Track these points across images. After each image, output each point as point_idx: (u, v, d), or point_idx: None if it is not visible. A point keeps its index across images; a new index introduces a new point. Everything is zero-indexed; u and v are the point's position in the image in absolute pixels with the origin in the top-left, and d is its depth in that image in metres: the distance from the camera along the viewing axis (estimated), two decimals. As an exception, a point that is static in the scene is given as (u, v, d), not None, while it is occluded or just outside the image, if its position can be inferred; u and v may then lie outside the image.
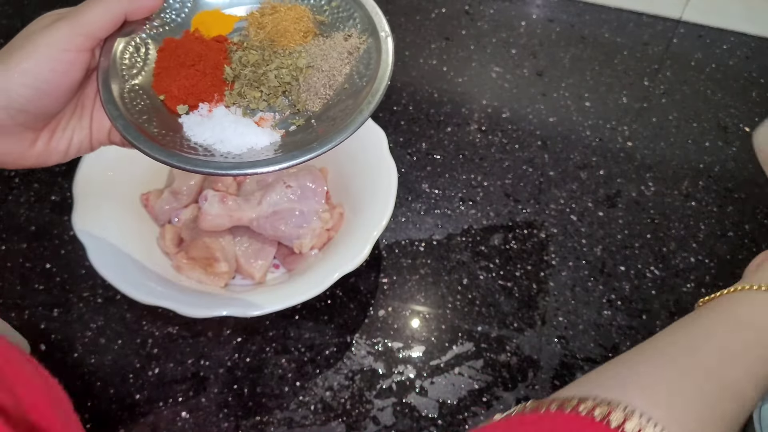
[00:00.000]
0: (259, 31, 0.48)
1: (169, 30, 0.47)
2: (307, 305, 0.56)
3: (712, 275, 0.60)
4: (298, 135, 0.43)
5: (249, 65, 0.46)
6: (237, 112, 0.44)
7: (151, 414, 0.51)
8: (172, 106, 0.44)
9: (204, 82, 0.44)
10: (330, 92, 0.45)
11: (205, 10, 0.49)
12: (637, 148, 0.70)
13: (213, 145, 0.42)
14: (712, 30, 0.82)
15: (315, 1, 0.50)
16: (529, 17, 0.83)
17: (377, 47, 0.46)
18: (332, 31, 0.48)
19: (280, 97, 0.45)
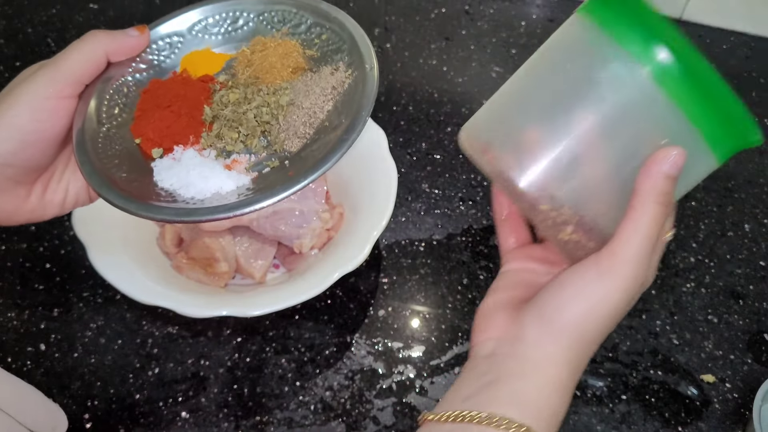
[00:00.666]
0: (246, 68, 0.46)
1: (156, 72, 0.46)
2: (307, 305, 0.56)
3: (712, 275, 0.60)
4: (269, 177, 0.41)
5: (229, 104, 0.44)
6: (210, 155, 0.42)
7: (151, 414, 0.51)
8: (147, 150, 0.42)
9: (179, 123, 0.43)
10: (310, 131, 0.43)
11: (195, 50, 0.48)
12: (637, 148, 0.70)
13: (177, 190, 0.40)
14: (712, 30, 0.82)
15: (306, 36, 0.48)
16: (529, 17, 0.83)
17: (362, 81, 0.44)
18: (321, 65, 0.46)
19: (258, 138, 0.43)
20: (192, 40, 0.48)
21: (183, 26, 0.48)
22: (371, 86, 0.43)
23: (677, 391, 0.53)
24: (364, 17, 0.82)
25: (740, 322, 0.57)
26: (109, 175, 0.40)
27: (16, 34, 0.78)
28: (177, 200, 0.40)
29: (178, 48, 0.47)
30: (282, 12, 0.49)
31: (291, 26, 0.48)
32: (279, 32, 0.48)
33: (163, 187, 0.41)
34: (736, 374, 0.54)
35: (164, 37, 0.47)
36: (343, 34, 0.47)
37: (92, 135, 0.41)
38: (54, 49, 0.76)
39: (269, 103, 0.44)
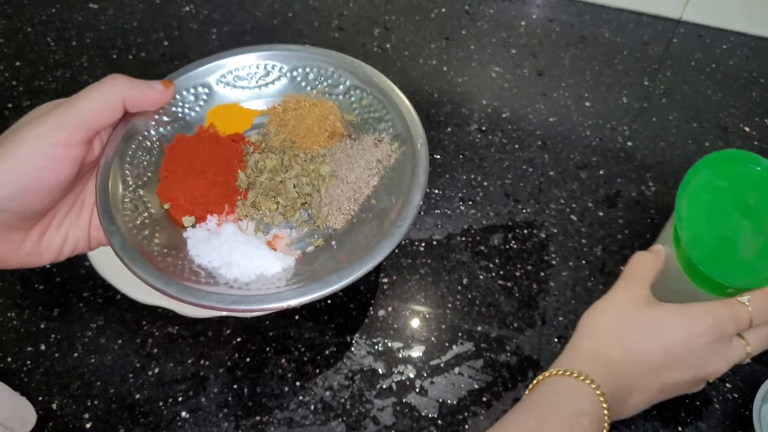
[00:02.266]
0: (280, 129, 0.42)
1: (181, 125, 0.42)
2: (307, 305, 0.56)
3: (712, 275, 0.60)
4: (316, 259, 0.38)
5: (266, 171, 0.40)
6: (248, 228, 0.39)
7: (151, 414, 0.51)
8: (177, 217, 0.39)
9: (214, 192, 0.39)
10: (355, 207, 0.40)
11: (223, 104, 0.44)
12: (637, 148, 0.70)
13: (218, 269, 0.37)
14: (712, 30, 0.82)
15: (344, 98, 0.44)
16: (529, 17, 0.83)
17: (411, 158, 0.40)
18: (362, 133, 0.43)
19: (299, 211, 0.40)
20: (219, 92, 0.44)
21: (210, 77, 0.44)
22: (423, 165, 0.39)
23: (677, 391, 0.53)
24: (364, 17, 0.82)
25: (740, 322, 0.57)
26: (142, 247, 0.36)
27: (16, 34, 0.78)
28: (218, 281, 0.36)
29: (204, 100, 0.44)
30: (318, 69, 0.45)
31: (327, 86, 0.44)
32: (314, 91, 0.44)
33: (200, 264, 0.37)
34: (736, 374, 0.54)
35: (189, 88, 0.43)
36: (387, 101, 0.43)
37: (118, 199, 0.38)
38: (54, 49, 0.76)
39: (308, 171, 0.40)
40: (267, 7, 0.83)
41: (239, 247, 0.37)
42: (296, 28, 0.80)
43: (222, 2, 0.83)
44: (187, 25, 0.79)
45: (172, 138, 0.42)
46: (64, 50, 0.76)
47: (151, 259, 0.36)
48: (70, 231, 0.39)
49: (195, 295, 0.34)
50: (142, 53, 0.76)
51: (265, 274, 0.37)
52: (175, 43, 0.77)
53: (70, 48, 0.77)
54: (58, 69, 0.74)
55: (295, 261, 0.38)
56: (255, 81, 0.45)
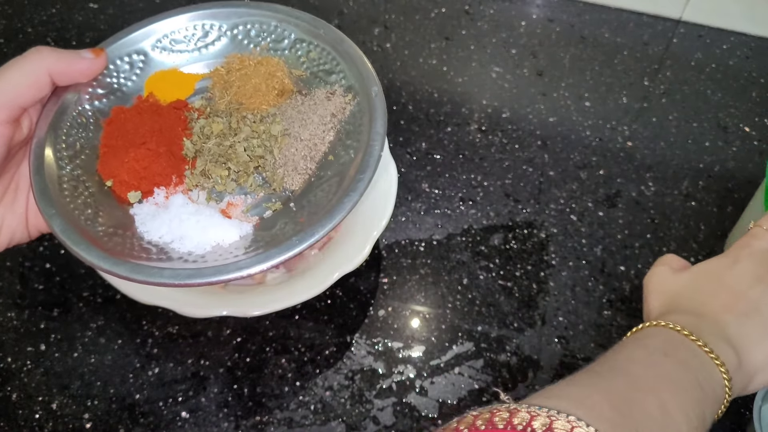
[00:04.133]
0: (225, 91, 0.40)
1: (117, 97, 0.40)
2: (307, 305, 0.56)
3: (712, 275, 0.60)
4: (275, 223, 0.36)
5: (213, 137, 0.38)
6: (200, 198, 0.37)
7: (151, 414, 0.51)
8: (121, 194, 0.37)
9: (158, 163, 0.37)
10: (312, 166, 0.38)
11: (161, 70, 0.41)
12: (637, 148, 0.70)
13: (170, 243, 0.35)
14: (712, 30, 0.82)
15: (290, 52, 0.42)
16: (529, 17, 0.83)
17: (367, 109, 0.38)
18: (312, 87, 0.40)
19: (252, 175, 0.38)
20: (156, 58, 0.41)
21: (144, 42, 0.41)
22: (380, 115, 0.37)
23: (677, 391, 0.53)
24: (364, 16, 0.82)
25: (740, 322, 0.57)
26: (84, 229, 0.34)
27: (16, 34, 0.78)
28: (172, 257, 0.34)
29: (141, 68, 0.41)
30: (259, 24, 0.42)
31: (271, 41, 0.42)
32: (258, 48, 0.42)
33: (150, 241, 0.35)
34: (736, 374, 0.54)
35: (123, 56, 0.41)
36: (335, 53, 0.41)
37: (54, 180, 0.35)
38: (54, 49, 0.76)
39: (259, 133, 0.38)
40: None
41: (190, 219, 0.35)
42: (296, 28, 0.80)
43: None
44: (187, 25, 0.79)
45: (109, 111, 0.39)
46: (64, 50, 0.76)
47: (96, 241, 0.34)
48: (6, 220, 0.36)
49: (146, 272, 0.32)
50: (142, 53, 0.76)
51: (221, 244, 0.35)
52: (175, 42, 0.77)
53: (69, 48, 0.77)
54: (58, 69, 0.74)
55: (252, 228, 0.36)
56: (193, 43, 0.42)
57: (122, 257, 0.33)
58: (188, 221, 0.35)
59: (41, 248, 0.59)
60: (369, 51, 0.78)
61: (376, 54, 0.78)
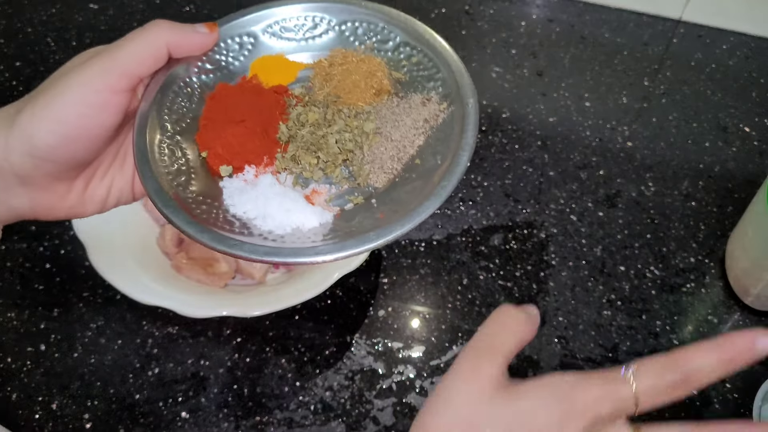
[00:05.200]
0: (325, 83, 0.41)
1: (224, 74, 0.41)
2: (307, 305, 0.56)
3: (712, 275, 0.60)
4: (354, 216, 0.37)
5: (308, 125, 0.39)
6: (287, 181, 0.38)
7: (151, 414, 0.51)
8: (214, 166, 0.38)
9: (253, 142, 0.38)
10: (398, 167, 0.38)
11: (267, 55, 0.43)
12: (637, 148, 0.70)
13: (253, 219, 0.36)
14: (712, 30, 0.82)
15: (393, 54, 0.43)
16: (529, 17, 0.83)
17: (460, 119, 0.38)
18: (410, 91, 0.41)
19: (340, 167, 0.39)
20: (264, 42, 0.43)
21: (256, 26, 0.43)
22: (472, 126, 0.37)
23: (677, 391, 0.53)
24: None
25: (740, 323, 0.57)
26: (176, 193, 0.35)
27: (16, 34, 0.78)
28: (252, 232, 0.35)
29: (249, 50, 0.42)
30: (368, 24, 0.43)
31: (377, 41, 0.43)
32: (362, 46, 0.43)
33: (235, 215, 0.36)
34: (736, 374, 0.54)
35: (234, 36, 0.42)
36: (437, 60, 0.42)
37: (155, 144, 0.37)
38: (54, 49, 0.76)
39: (351, 128, 0.39)
40: (267, 7, 0.83)
41: (276, 199, 0.36)
42: (296, 28, 0.80)
43: (222, 2, 0.83)
44: (187, 25, 0.79)
45: (214, 86, 0.41)
46: (64, 50, 0.76)
47: (185, 206, 0.35)
48: (115, 181, 0.38)
49: (227, 243, 0.33)
50: (142, 53, 0.76)
51: (301, 228, 0.36)
52: (175, 43, 0.77)
53: (70, 48, 0.77)
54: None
55: (333, 217, 0.36)
56: (302, 33, 0.43)
57: (207, 225, 0.34)
58: (273, 201, 0.36)
59: (41, 248, 0.59)
60: (369, 51, 0.78)
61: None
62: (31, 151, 0.33)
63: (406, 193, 0.37)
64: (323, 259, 0.33)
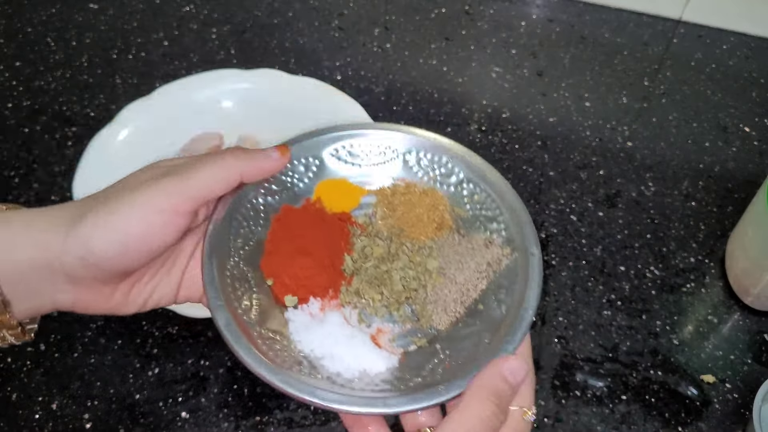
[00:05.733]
0: (389, 213, 0.41)
1: (288, 196, 0.41)
2: (307, 305, 0.56)
3: (712, 275, 0.60)
4: (419, 361, 0.36)
5: (372, 258, 0.39)
6: (352, 317, 0.38)
7: (151, 414, 0.51)
8: (279, 295, 0.38)
9: (321, 275, 0.38)
10: (461, 310, 0.38)
11: (332, 178, 0.43)
12: (637, 148, 0.70)
13: (321, 359, 0.36)
14: (712, 30, 0.82)
15: (455, 190, 0.42)
16: (529, 17, 0.83)
17: (523, 267, 0.38)
18: (471, 230, 0.41)
19: (403, 305, 0.38)
20: (329, 166, 0.43)
21: (323, 150, 0.43)
22: (537, 280, 0.37)
23: (677, 392, 0.53)
24: (364, 16, 0.82)
25: (740, 323, 0.57)
26: (245, 326, 0.35)
27: (16, 34, 0.78)
28: (320, 374, 0.35)
29: (314, 172, 0.42)
30: (432, 155, 0.43)
31: (440, 175, 0.43)
32: (425, 177, 0.43)
33: (301, 351, 0.36)
34: (736, 374, 0.54)
35: (300, 158, 0.42)
36: (500, 202, 0.41)
37: (223, 270, 0.37)
38: (54, 49, 0.76)
39: (414, 264, 0.39)
40: (267, 6, 0.83)
41: (345, 342, 0.36)
42: (296, 28, 0.80)
43: (222, 2, 0.83)
44: (187, 25, 0.79)
45: (279, 208, 0.41)
46: (64, 50, 0.76)
47: (253, 340, 0.35)
48: (159, 286, 0.39)
49: (299, 388, 0.33)
50: (142, 53, 0.76)
51: (368, 371, 0.36)
52: (175, 43, 0.77)
53: (70, 48, 0.77)
54: (58, 69, 0.74)
55: (398, 361, 0.36)
56: (368, 159, 0.43)
57: (275, 363, 0.34)
58: (342, 343, 0.36)
59: (41, 248, 0.59)
60: (369, 52, 0.78)
61: (377, 55, 0.78)
62: (86, 257, 0.34)
63: (470, 343, 0.36)
64: (394, 411, 0.33)
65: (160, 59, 0.76)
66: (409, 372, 0.36)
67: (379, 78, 0.75)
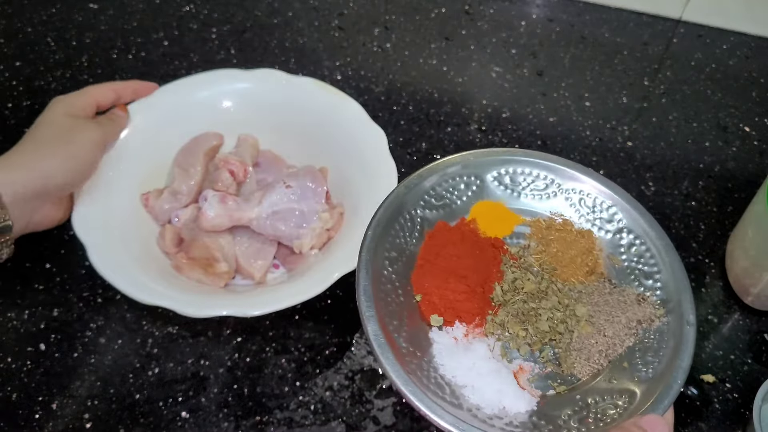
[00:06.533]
0: (542, 248, 0.41)
1: (446, 212, 0.41)
2: (307, 305, 0.56)
3: (713, 275, 0.60)
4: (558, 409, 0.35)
5: (522, 292, 0.38)
6: (495, 349, 0.37)
7: (151, 414, 0.51)
8: (426, 312, 0.38)
9: (471, 302, 0.38)
10: (604, 362, 0.37)
11: (489, 201, 0.42)
12: (637, 148, 0.70)
13: (462, 388, 0.35)
14: (712, 30, 0.82)
15: (613, 237, 0.41)
16: (529, 17, 0.83)
17: (676, 333, 0.36)
18: (623, 281, 0.40)
19: (547, 347, 0.38)
20: (489, 187, 0.43)
21: (488, 171, 0.43)
22: (689, 347, 0.36)
23: (677, 391, 0.53)
24: (364, 16, 0.82)
25: (740, 322, 0.57)
26: (392, 340, 0.35)
27: (16, 34, 0.78)
28: (462, 405, 0.34)
29: (473, 191, 0.42)
30: (595, 198, 0.42)
31: (600, 219, 0.42)
32: (583, 218, 0.42)
33: (444, 376, 0.36)
34: (736, 374, 0.54)
35: (463, 176, 0.42)
36: (660, 260, 0.40)
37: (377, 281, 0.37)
38: (54, 49, 0.76)
39: (563, 306, 0.38)
40: (267, 6, 0.83)
41: (489, 375, 0.36)
42: (296, 27, 0.80)
43: (222, 1, 0.83)
44: (187, 25, 0.79)
45: (434, 223, 0.41)
46: (64, 50, 0.76)
47: (400, 357, 0.34)
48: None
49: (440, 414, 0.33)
50: (142, 53, 0.76)
51: (507, 410, 0.35)
52: (175, 42, 0.77)
53: (70, 48, 0.77)
54: (58, 69, 0.74)
55: (537, 404, 0.36)
56: (529, 188, 0.43)
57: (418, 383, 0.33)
58: (486, 377, 0.36)
59: (41, 249, 0.59)
60: (369, 52, 0.78)
61: (377, 55, 0.78)
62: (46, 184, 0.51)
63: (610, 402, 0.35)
64: None
65: (160, 59, 0.76)
66: (545, 418, 0.35)
67: (379, 78, 0.75)
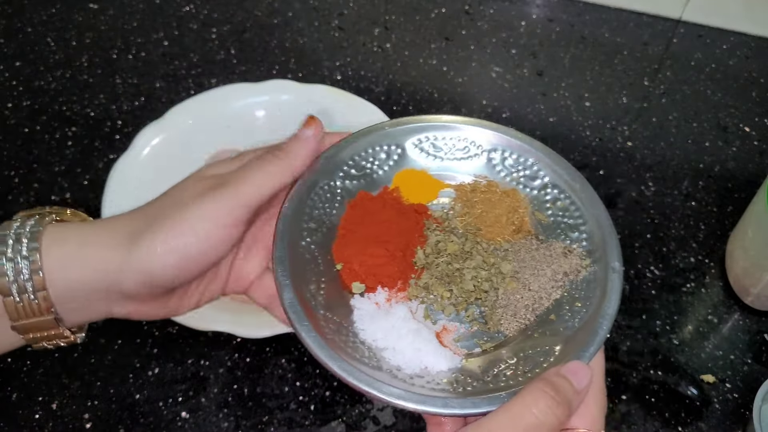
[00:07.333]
0: (466, 211, 0.41)
1: (367, 182, 0.41)
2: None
3: (712, 275, 0.60)
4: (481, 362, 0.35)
5: (445, 254, 0.38)
6: (418, 311, 0.37)
7: (151, 414, 0.51)
8: (347, 281, 0.37)
9: (392, 266, 0.38)
10: (531, 317, 0.37)
11: (412, 168, 0.42)
12: (637, 148, 0.70)
13: (382, 350, 0.35)
14: (712, 30, 0.82)
15: (538, 194, 0.41)
16: (529, 17, 0.83)
17: (602, 280, 0.36)
18: (550, 236, 0.40)
19: (472, 305, 0.38)
20: (410, 156, 0.42)
21: (407, 139, 0.42)
22: (615, 296, 0.35)
23: (677, 391, 0.53)
24: (364, 16, 0.82)
25: (740, 322, 0.57)
26: (309, 308, 0.35)
27: (16, 34, 0.78)
28: (381, 366, 0.34)
29: (395, 161, 0.42)
30: (518, 157, 0.42)
31: (524, 177, 0.42)
32: (508, 178, 0.42)
33: (365, 341, 0.35)
34: (736, 374, 0.54)
35: (383, 145, 0.42)
36: (585, 211, 0.40)
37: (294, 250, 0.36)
38: (54, 49, 0.76)
39: (488, 265, 0.38)
40: (267, 6, 0.83)
41: (409, 336, 0.35)
42: (296, 28, 0.80)
43: (222, 2, 0.83)
44: (187, 25, 0.79)
45: (355, 193, 0.40)
46: (64, 50, 0.76)
47: (317, 324, 0.34)
48: (209, 286, 0.38)
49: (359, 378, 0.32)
50: (142, 53, 0.76)
51: (429, 369, 0.35)
52: (175, 42, 0.77)
53: (70, 48, 0.77)
54: (58, 69, 0.74)
55: (461, 362, 0.36)
56: (451, 153, 0.43)
57: (336, 348, 0.33)
58: (406, 337, 0.35)
59: (41, 248, 0.59)
60: (369, 52, 0.78)
61: (377, 54, 0.78)
62: (145, 279, 0.33)
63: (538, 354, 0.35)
64: (452, 412, 0.32)
65: (160, 59, 0.76)
66: (471, 375, 0.35)
67: (379, 78, 0.75)
